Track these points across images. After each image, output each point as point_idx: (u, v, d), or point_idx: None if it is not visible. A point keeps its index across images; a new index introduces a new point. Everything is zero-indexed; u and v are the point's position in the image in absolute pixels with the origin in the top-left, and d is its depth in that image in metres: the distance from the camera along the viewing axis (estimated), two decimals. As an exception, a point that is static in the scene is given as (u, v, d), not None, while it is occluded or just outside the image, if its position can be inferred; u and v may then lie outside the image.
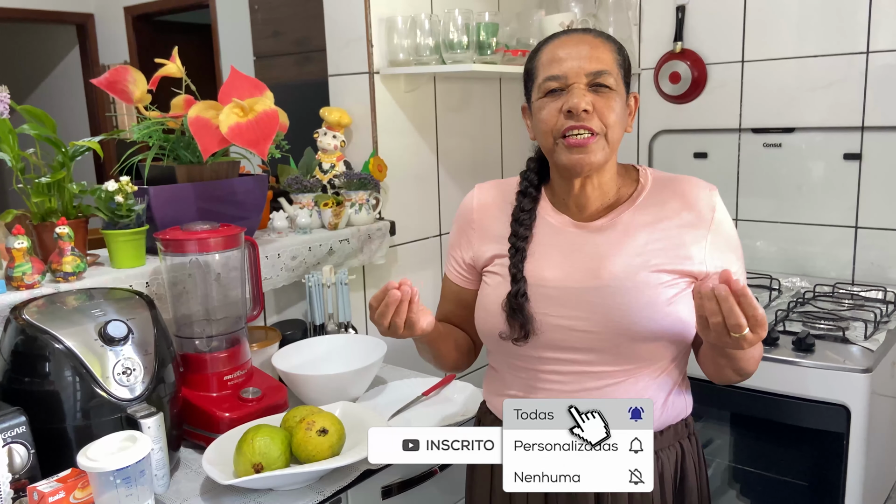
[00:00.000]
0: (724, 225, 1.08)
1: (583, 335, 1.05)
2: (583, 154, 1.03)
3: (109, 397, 1.11)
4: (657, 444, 1.07)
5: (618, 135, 1.06)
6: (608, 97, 1.03)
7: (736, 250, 1.09)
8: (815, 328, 1.75)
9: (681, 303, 1.04)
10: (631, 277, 1.04)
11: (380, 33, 1.87)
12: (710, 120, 2.31)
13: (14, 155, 1.31)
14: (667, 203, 1.09)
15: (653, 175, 1.13)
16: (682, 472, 1.11)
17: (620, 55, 1.08)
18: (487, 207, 1.19)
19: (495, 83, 2.27)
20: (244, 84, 1.47)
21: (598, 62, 1.03)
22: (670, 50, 2.33)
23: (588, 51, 1.04)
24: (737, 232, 1.12)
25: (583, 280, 1.06)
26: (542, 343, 1.08)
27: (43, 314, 1.14)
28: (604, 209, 1.10)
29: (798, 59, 2.13)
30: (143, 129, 1.45)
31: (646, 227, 1.07)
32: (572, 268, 1.07)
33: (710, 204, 1.07)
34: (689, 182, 1.10)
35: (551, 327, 1.07)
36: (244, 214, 1.56)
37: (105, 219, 1.37)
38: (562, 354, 1.07)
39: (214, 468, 1.15)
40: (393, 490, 1.30)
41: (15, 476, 1.01)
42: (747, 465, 1.79)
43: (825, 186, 2.14)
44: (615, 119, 1.03)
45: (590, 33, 1.08)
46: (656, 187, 1.11)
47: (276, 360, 1.50)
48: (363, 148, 1.93)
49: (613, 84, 1.03)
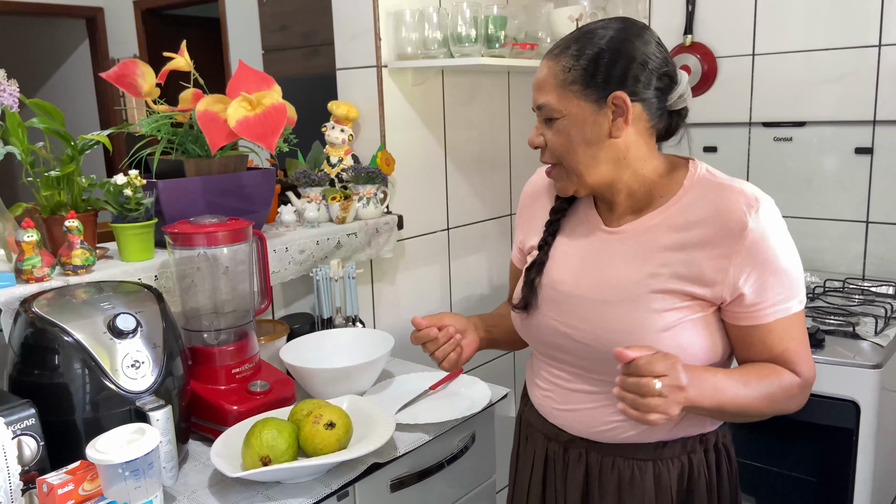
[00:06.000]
0: (762, 245, 0.95)
1: (576, 345, 1.07)
2: (556, 183, 1.09)
3: (118, 390, 1.11)
4: (656, 454, 1.07)
5: (578, 159, 1.02)
6: (554, 128, 1.03)
7: (779, 276, 0.97)
8: (825, 323, 1.74)
9: (683, 329, 0.99)
10: (631, 296, 1.01)
11: (388, 27, 1.87)
12: (720, 114, 2.29)
13: (23, 148, 1.32)
14: (698, 214, 0.99)
15: (700, 178, 1.03)
16: (689, 484, 1.08)
17: (573, 70, 1.00)
18: (539, 194, 1.22)
19: (503, 77, 2.26)
20: (252, 78, 1.47)
21: (540, 93, 1.04)
22: (680, 43, 2.31)
23: (536, 81, 1.06)
24: (790, 252, 0.98)
25: (588, 290, 1.06)
26: (547, 343, 1.12)
27: (52, 307, 1.15)
28: (634, 211, 1.07)
29: (809, 52, 2.12)
30: (152, 122, 1.45)
31: (667, 241, 1.01)
32: (584, 275, 1.08)
33: (743, 221, 0.95)
34: (731, 192, 0.98)
35: (552, 330, 1.10)
36: (252, 208, 1.56)
37: (114, 212, 1.37)
38: (563, 355, 1.11)
39: (222, 461, 1.15)
40: (400, 483, 1.31)
41: (24, 468, 1.01)
42: (756, 460, 1.78)
43: (836, 181, 2.12)
44: (563, 148, 1.03)
45: (546, 57, 1.05)
46: (696, 193, 1.01)
47: (284, 353, 1.50)
48: (371, 142, 1.93)
49: (558, 112, 1.02)
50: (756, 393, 0.98)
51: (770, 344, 1.00)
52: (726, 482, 1.12)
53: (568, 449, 1.14)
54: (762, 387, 0.98)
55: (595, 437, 1.10)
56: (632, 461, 1.07)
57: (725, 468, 1.12)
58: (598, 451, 1.10)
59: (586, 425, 1.09)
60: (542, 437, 1.18)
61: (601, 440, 1.09)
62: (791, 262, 0.98)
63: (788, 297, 0.99)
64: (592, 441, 1.10)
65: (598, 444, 1.10)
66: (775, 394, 0.99)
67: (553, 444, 1.16)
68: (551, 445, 1.16)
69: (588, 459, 1.11)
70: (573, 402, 1.11)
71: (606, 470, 1.09)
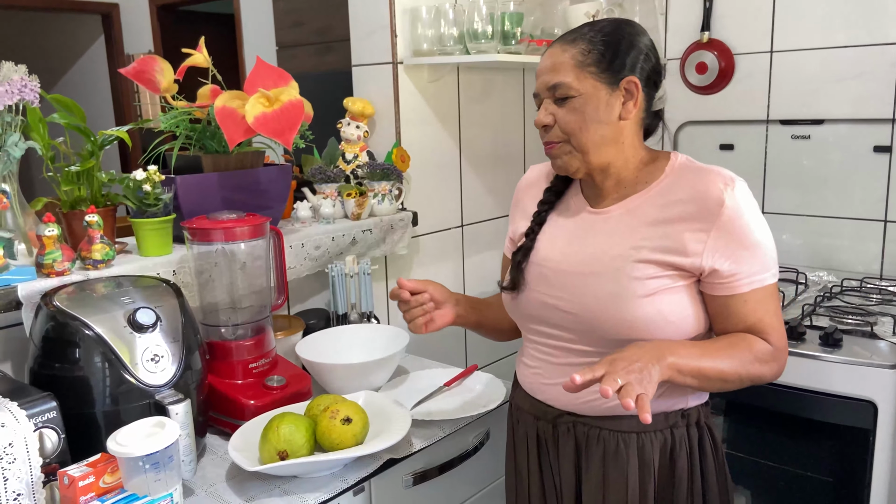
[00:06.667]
0: (737, 221, 1.04)
1: (565, 316, 1.13)
2: (556, 160, 1.14)
3: (138, 383, 1.12)
4: (640, 426, 1.11)
5: (588, 137, 1.10)
6: (568, 106, 1.09)
7: (752, 249, 1.05)
8: (843, 323, 1.73)
9: (664, 296, 1.06)
10: (615, 267, 1.08)
11: (404, 23, 1.87)
12: (737, 111, 2.27)
13: (44, 143, 1.33)
14: (677, 194, 1.09)
15: (680, 164, 1.13)
16: (671, 459, 1.13)
17: (591, 53, 1.08)
18: (531, 187, 1.29)
19: (518, 73, 2.25)
20: (270, 74, 1.48)
21: (554, 73, 1.10)
22: (697, 40, 2.30)
23: (549, 63, 1.11)
24: (763, 228, 1.07)
25: (576, 265, 1.13)
26: (536, 317, 1.18)
27: (73, 301, 1.16)
28: (620, 197, 1.15)
29: (827, 49, 2.09)
30: (171, 118, 1.46)
31: (649, 218, 1.09)
32: (572, 252, 1.15)
33: (720, 198, 1.04)
34: (708, 173, 1.08)
35: (541, 304, 1.16)
36: (268, 204, 1.57)
37: (133, 207, 1.38)
38: (550, 329, 1.17)
39: (240, 455, 1.16)
40: (416, 479, 1.31)
41: (46, 460, 1.02)
42: (771, 460, 1.78)
43: (854, 179, 2.10)
44: (576, 126, 1.09)
45: (558, 43, 1.12)
46: (676, 177, 1.11)
47: (300, 348, 1.51)
48: (386, 138, 1.93)
49: (574, 91, 1.08)
50: (732, 359, 1.05)
51: (745, 314, 1.07)
52: (711, 462, 1.16)
53: (557, 425, 1.18)
54: (737, 353, 1.06)
55: (580, 409, 1.15)
56: (616, 433, 1.12)
57: (710, 447, 1.16)
58: (584, 423, 1.15)
59: (572, 398, 1.14)
60: (531, 418, 1.22)
61: (587, 412, 1.14)
62: (764, 237, 1.07)
63: (762, 269, 1.07)
64: (579, 414, 1.15)
65: (585, 418, 1.15)
66: (749, 359, 1.06)
67: (542, 424, 1.20)
68: (541, 425, 1.20)
69: (576, 432, 1.16)
70: (560, 376, 1.14)
71: (592, 442, 1.14)
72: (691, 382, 1.04)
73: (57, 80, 5.65)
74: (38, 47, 5.68)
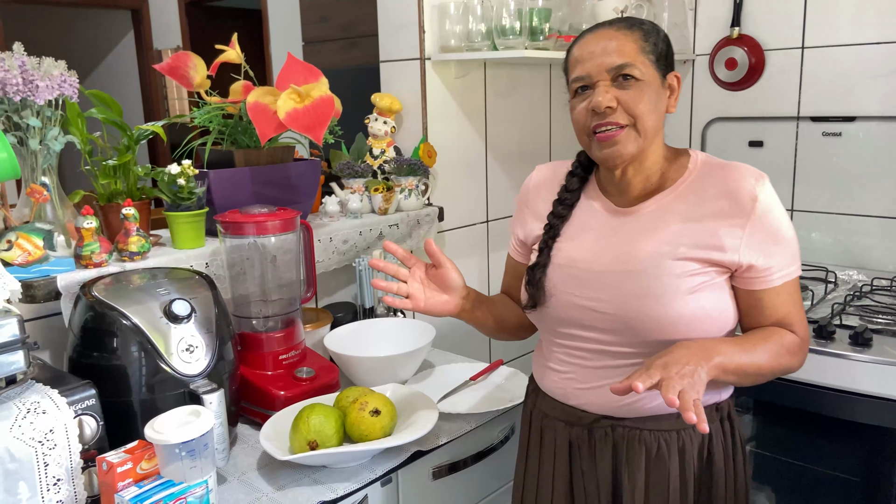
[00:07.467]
0: (770, 216, 1.05)
1: (601, 316, 1.10)
2: (613, 147, 1.08)
3: (173, 373, 1.15)
4: (679, 423, 1.10)
5: (651, 122, 1.07)
6: (634, 88, 1.06)
7: (783, 244, 1.06)
8: (873, 322, 1.71)
9: (706, 292, 1.05)
10: (655, 264, 1.06)
11: (432, 19, 1.88)
12: (767, 108, 2.25)
13: (83, 138, 1.36)
14: (708, 190, 1.08)
15: (703, 161, 1.12)
16: (709, 454, 1.12)
17: (648, 40, 1.08)
18: (541, 188, 1.25)
19: (545, 69, 2.25)
20: (300, 70, 1.50)
21: (619, 55, 1.06)
22: (727, 35, 2.28)
23: (608, 46, 1.07)
24: (789, 222, 1.08)
25: (609, 264, 1.10)
26: (567, 321, 1.14)
27: (110, 292, 1.19)
28: (646, 194, 1.13)
29: (859, 45, 2.07)
30: (204, 114, 1.48)
31: (682, 215, 1.08)
32: (602, 252, 1.12)
33: (752, 194, 1.04)
34: (735, 169, 1.08)
35: (574, 307, 1.12)
36: (297, 199, 1.59)
37: (168, 201, 1.41)
38: (584, 332, 1.13)
39: (271, 444, 1.18)
40: (443, 471, 1.33)
41: (85, 447, 1.05)
42: (799, 459, 1.76)
43: (885, 177, 2.07)
44: (644, 108, 1.06)
45: (612, 25, 1.10)
46: (702, 174, 1.10)
47: (328, 341, 1.53)
48: (413, 134, 1.94)
49: (640, 73, 1.05)
50: (768, 353, 1.06)
51: (776, 306, 1.08)
52: (740, 453, 1.16)
53: (593, 430, 1.14)
54: (771, 346, 1.07)
55: (620, 412, 1.11)
56: (657, 433, 1.10)
57: (738, 437, 1.16)
58: (623, 426, 1.12)
59: (611, 401, 1.11)
60: (562, 424, 1.17)
61: (626, 415, 1.11)
62: (791, 231, 1.08)
63: (791, 262, 1.08)
64: (617, 417, 1.12)
65: (624, 420, 1.12)
66: (782, 352, 1.07)
67: (576, 429, 1.16)
68: (574, 430, 1.16)
69: (614, 436, 1.12)
70: (596, 380, 1.12)
71: (634, 444, 1.11)
72: (732, 380, 1.04)
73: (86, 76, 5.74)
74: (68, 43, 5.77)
